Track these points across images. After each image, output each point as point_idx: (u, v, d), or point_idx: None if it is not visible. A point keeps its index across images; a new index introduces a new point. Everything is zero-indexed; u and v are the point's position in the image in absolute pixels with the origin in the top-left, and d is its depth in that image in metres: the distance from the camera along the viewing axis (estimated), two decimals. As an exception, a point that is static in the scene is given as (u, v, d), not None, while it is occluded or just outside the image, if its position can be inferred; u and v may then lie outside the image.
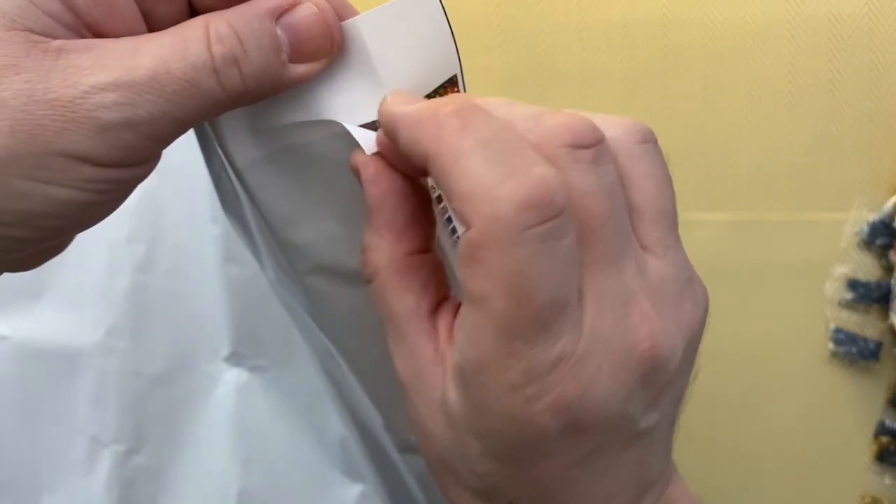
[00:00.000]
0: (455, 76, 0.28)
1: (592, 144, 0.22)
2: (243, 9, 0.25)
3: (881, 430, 0.47)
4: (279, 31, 0.25)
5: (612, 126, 0.24)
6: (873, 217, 0.46)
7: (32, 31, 0.23)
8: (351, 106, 0.27)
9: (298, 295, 0.34)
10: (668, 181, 0.24)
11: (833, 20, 0.46)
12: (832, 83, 0.46)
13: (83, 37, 0.24)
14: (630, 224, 0.23)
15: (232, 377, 0.49)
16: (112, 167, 0.24)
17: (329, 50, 0.26)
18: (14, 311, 0.48)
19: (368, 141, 0.26)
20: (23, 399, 0.48)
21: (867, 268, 0.47)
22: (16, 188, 0.22)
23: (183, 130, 0.25)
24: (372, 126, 0.27)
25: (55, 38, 0.23)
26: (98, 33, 0.24)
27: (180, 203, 0.49)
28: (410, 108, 0.24)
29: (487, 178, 0.21)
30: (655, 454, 0.25)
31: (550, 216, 0.21)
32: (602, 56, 0.48)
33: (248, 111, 0.27)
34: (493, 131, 0.22)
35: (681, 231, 0.25)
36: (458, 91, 0.28)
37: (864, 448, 0.47)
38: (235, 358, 0.49)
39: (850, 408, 0.47)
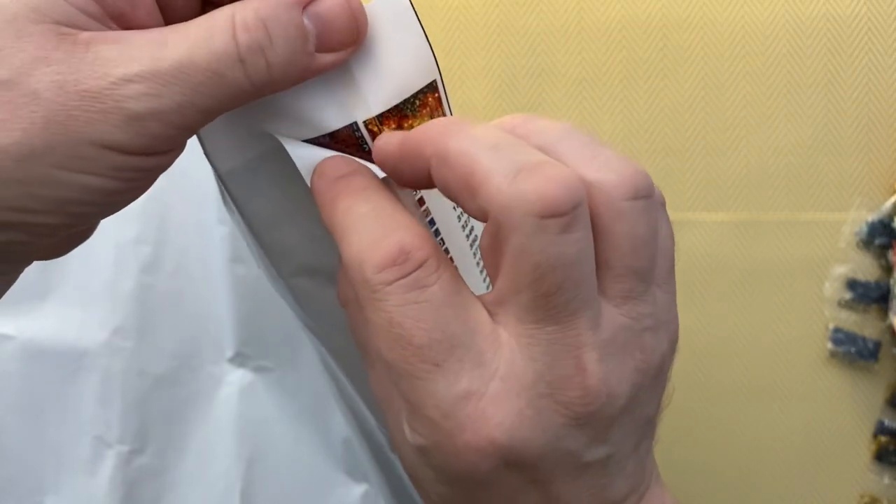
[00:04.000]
0: (434, 82, 0.28)
1: (566, 212, 0.22)
2: None
3: (880, 429, 0.47)
4: (306, 21, 0.25)
5: (608, 172, 0.24)
6: (872, 217, 0.46)
7: (61, 24, 0.23)
8: (328, 109, 0.27)
9: (286, 296, 0.35)
10: (648, 240, 0.24)
11: (832, 21, 0.45)
12: (831, 84, 0.46)
13: (108, 28, 0.24)
14: (594, 280, 0.23)
15: (236, 378, 0.49)
16: (139, 155, 0.24)
17: (355, 40, 0.26)
18: (20, 310, 0.49)
19: (307, 162, 0.27)
20: (28, 398, 0.48)
21: (866, 268, 0.47)
22: (52, 177, 0.23)
23: (209, 119, 0.25)
24: (348, 129, 0.27)
25: (83, 29, 0.24)
26: (123, 24, 0.25)
27: (186, 204, 0.49)
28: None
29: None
30: (616, 476, 0.25)
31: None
32: (601, 56, 0.48)
33: (225, 118, 0.28)
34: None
35: (680, 231, 0.25)
36: (439, 96, 0.28)
37: (863, 447, 0.48)
38: (240, 358, 0.49)
39: (849, 407, 0.47)
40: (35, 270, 0.47)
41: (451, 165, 0.23)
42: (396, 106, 0.27)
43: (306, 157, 0.27)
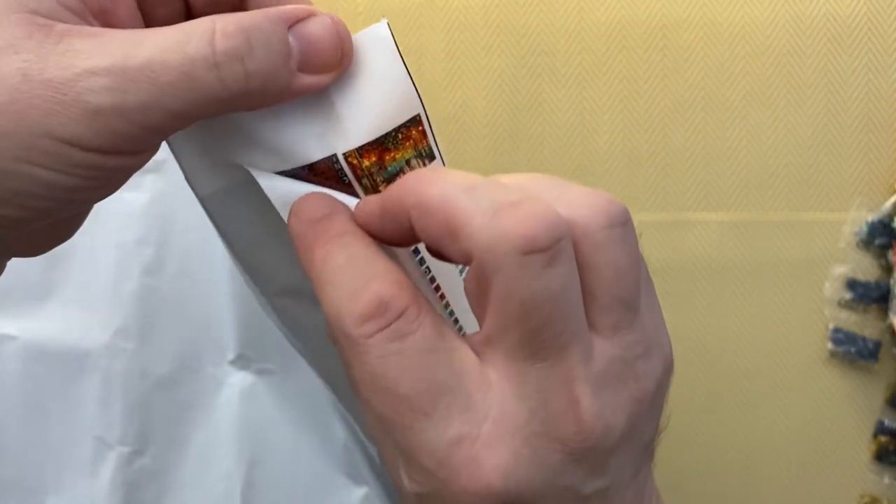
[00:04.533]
0: (418, 116, 0.27)
1: (548, 247, 0.22)
2: (257, 12, 0.25)
3: (880, 429, 0.47)
4: (291, 39, 0.25)
5: (580, 207, 0.23)
6: (872, 217, 0.46)
7: (39, 14, 0.23)
8: (308, 139, 0.27)
9: (272, 316, 0.35)
10: (630, 267, 0.24)
11: (832, 20, 0.45)
12: (831, 84, 0.46)
13: (89, 24, 0.24)
14: (583, 313, 0.23)
15: (237, 380, 0.49)
16: (102, 153, 0.23)
17: (339, 64, 0.26)
18: (22, 311, 0.49)
19: (283, 196, 0.26)
20: (29, 399, 0.48)
21: (866, 268, 0.47)
22: (3, 167, 0.22)
23: (182, 124, 0.24)
24: (327, 161, 0.27)
25: (61, 22, 0.23)
26: (104, 22, 0.24)
27: (189, 206, 0.49)
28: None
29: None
30: (617, 502, 0.25)
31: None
32: (601, 56, 0.48)
33: (202, 144, 0.27)
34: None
35: (680, 231, 0.26)
36: (423, 129, 0.28)
37: (863, 447, 0.48)
38: (241, 361, 0.49)
39: (849, 407, 0.47)
40: (37, 271, 0.48)
41: (431, 212, 0.23)
42: (378, 139, 0.27)
43: (282, 191, 0.27)
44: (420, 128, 0.27)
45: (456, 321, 0.31)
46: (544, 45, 0.48)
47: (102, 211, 0.48)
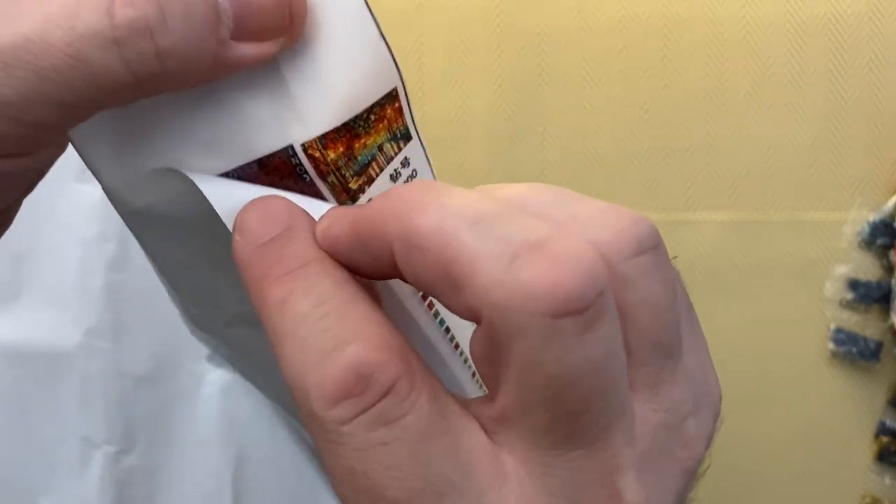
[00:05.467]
0: (394, 90, 0.22)
1: (587, 307, 0.16)
2: None
3: (882, 429, 0.47)
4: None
5: (599, 231, 0.18)
6: (874, 217, 0.46)
7: None
8: (255, 128, 0.21)
9: (220, 347, 0.29)
10: (668, 304, 0.19)
11: (834, 19, 0.46)
12: (833, 83, 0.46)
13: None
14: (626, 379, 0.18)
15: (216, 377, 0.48)
16: None
17: (286, 28, 0.20)
18: None
19: (228, 205, 0.20)
20: (10, 400, 0.48)
21: (868, 268, 0.47)
22: None
23: (76, 116, 0.20)
24: (282, 155, 0.21)
25: None
26: None
27: None
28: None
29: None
30: None
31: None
32: (602, 55, 0.48)
33: (114, 139, 0.21)
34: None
35: (681, 230, 0.21)
36: (400, 106, 0.22)
37: (864, 448, 0.47)
38: (217, 358, 0.48)
39: (850, 408, 0.47)
40: (3, 271, 0.46)
41: (422, 252, 0.17)
42: (345, 124, 0.21)
43: (227, 198, 0.20)
44: (396, 104, 0.22)
45: (475, 373, 0.25)
46: (545, 45, 0.48)
47: (61, 205, 0.47)
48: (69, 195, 0.47)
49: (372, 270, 0.19)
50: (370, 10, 0.21)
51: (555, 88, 0.48)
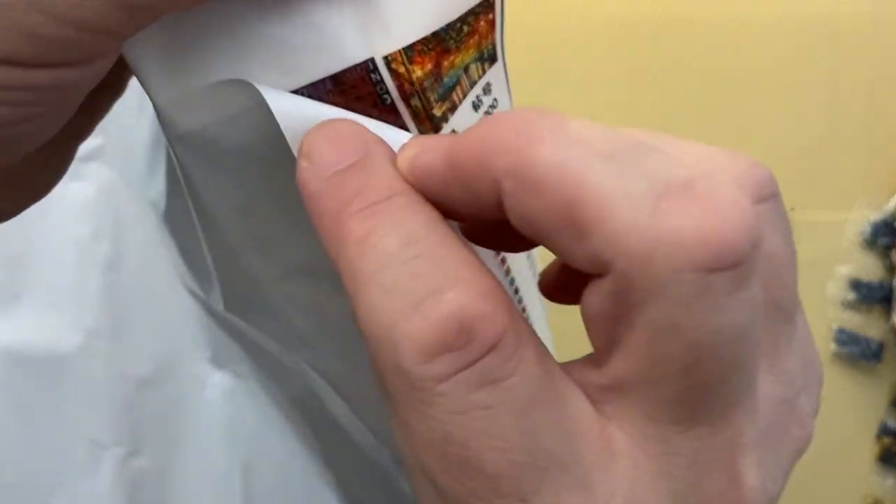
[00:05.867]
0: None
1: (741, 261, 0.14)
2: None
3: (884, 430, 0.47)
4: None
5: (722, 173, 0.15)
6: (875, 217, 0.46)
7: None
8: (330, 36, 0.18)
9: (265, 319, 0.27)
10: (790, 257, 0.17)
11: (835, 19, 0.45)
12: (834, 82, 0.46)
13: None
14: (759, 349, 0.16)
15: (218, 380, 0.48)
16: (22, 66, 0.16)
17: None
18: None
19: (296, 126, 0.17)
20: (15, 404, 0.48)
21: (869, 268, 0.46)
22: None
23: (144, 19, 0.17)
24: (361, 70, 0.18)
25: None
26: None
27: (139, 194, 0.48)
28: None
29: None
30: None
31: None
32: (603, 54, 0.47)
33: (172, 50, 0.18)
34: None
35: None
36: (493, 19, 0.19)
37: (866, 449, 0.47)
38: (218, 361, 0.48)
39: (852, 409, 0.47)
40: (1, 272, 0.46)
41: (540, 188, 0.15)
42: (436, 33, 0.18)
43: (295, 116, 0.17)
44: (490, 15, 0.19)
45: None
46: (546, 44, 0.48)
47: (52, 204, 0.47)
48: (61, 195, 0.46)
49: (469, 210, 0.17)
50: None
51: (557, 87, 0.48)
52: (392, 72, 0.18)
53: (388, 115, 0.18)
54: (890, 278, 0.46)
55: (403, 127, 0.19)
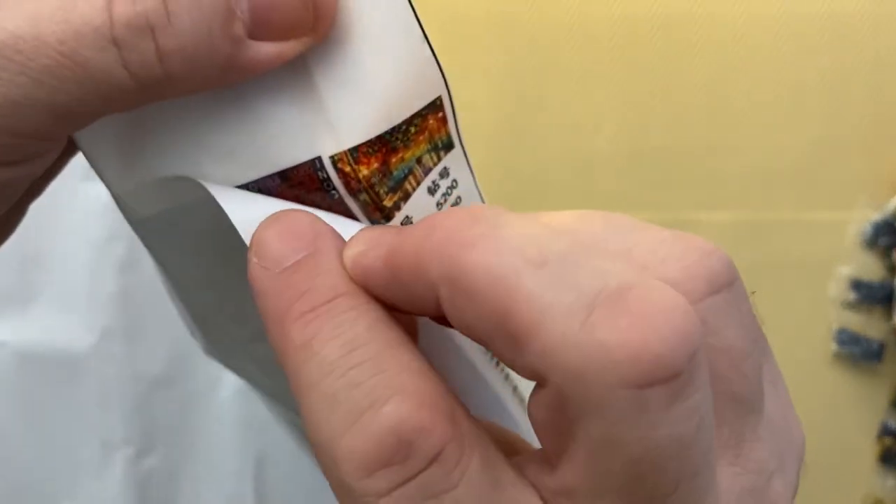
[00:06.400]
0: (439, 99, 0.19)
1: (678, 372, 0.13)
2: None
3: (885, 431, 0.46)
4: None
5: (664, 267, 0.15)
6: (877, 217, 0.46)
7: None
8: (278, 136, 0.18)
9: (242, 369, 0.27)
10: (748, 349, 0.16)
11: (837, 18, 0.45)
12: (836, 81, 0.45)
13: None
14: (713, 447, 0.15)
15: (233, 379, 0.49)
16: None
17: (312, 25, 0.17)
18: (8, 315, 0.48)
19: (247, 220, 0.17)
20: (28, 404, 0.48)
21: (871, 268, 0.46)
22: None
23: (81, 122, 0.17)
24: (307, 167, 0.18)
25: None
26: None
27: None
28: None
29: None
30: None
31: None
32: (603, 53, 0.47)
33: (119, 144, 0.19)
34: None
35: (683, 230, 0.16)
36: (444, 115, 0.20)
37: (867, 449, 0.47)
38: None
39: (853, 409, 0.47)
40: (13, 275, 0.47)
41: (473, 297, 0.14)
42: (381, 136, 0.18)
43: (246, 210, 0.18)
44: (440, 114, 0.19)
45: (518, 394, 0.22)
46: (546, 42, 0.47)
47: (68, 206, 0.48)
48: (76, 196, 0.47)
49: (414, 310, 0.16)
50: (413, 9, 0.18)
51: (556, 85, 0.48)
52: (338, 171, 0.18)
53: (338, 206, 0.19)
54: (891, 278, 0.46)
55: (354, 217, 0.19)
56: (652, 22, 0.47)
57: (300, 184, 0.19)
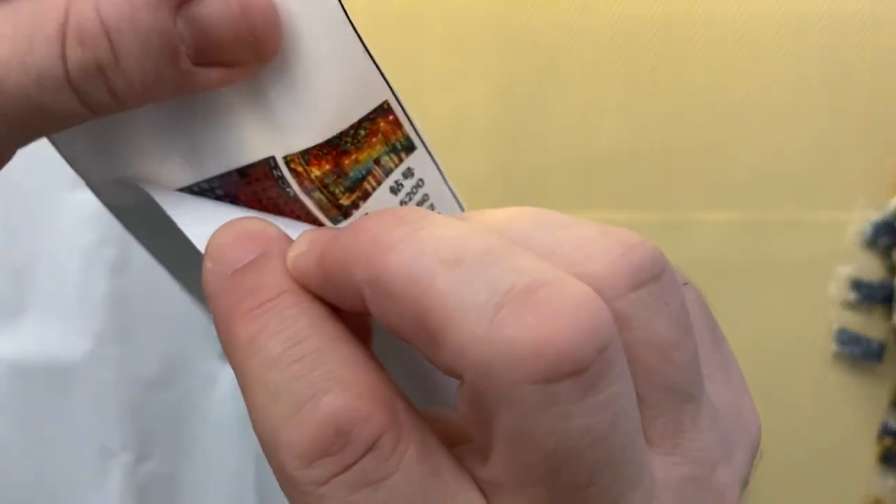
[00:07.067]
0: (385, 103, 0.20)
1: (587, 365, 0.14)
2: None
3: (885, 431, 0.47)
4: (181, 25, 0.17)
5: (589, 261, 0.16)
6: (877, 217, 0.46)
7: None
8: (232, 137, 0.20)
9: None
10: (679, 339, 0.16)
11: (836, 18, 0.45)
12: (835, 82, 0.45)
13: None
14: (641, 438, 0.16)
15: (230, 375, 0.49)
16: None
17: (254, 51, 0.18)
18: (0, 329, 0.47)
19: (199, 230, 0.19)
20: (24, 416, 0.48)
21: (871, 268, 0.46)
22: None
23: (35, 139, 0.18)
24: (263, 165, 0.20)
25: None
26: None
27: None
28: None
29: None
30: None
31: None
32: (603, 53, 0.47)
33: (86, 145, 0.20)
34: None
35: (683, 231, 0.16)
36: (395, 118, 0.21)
37: (867, 450, 0.47)
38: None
39: (853, 409, 0.47)
40: (4, 285, 0.47)
41: (392, 298, 0.15)
42: (329, 141, 0.20)
43: (198, 219, 0.19)
44: (391, 117, 0.21)
45: None
46: (545, 42, 0.47)
47: (57, 216, 0.47)
48: (64, 205, 0.47)
49: (346, 308, 0.17)
50: (353, 27, 0.20)
51: (555, 86, 0.47)
52: (292, 170, 0.20)
53: (294, 203, 0.20)
54: (891, 278, 0.46)
55: (311, 214, 0.20)
56: (652, 22, 0.46)
57: (258, 180, 0.20)
